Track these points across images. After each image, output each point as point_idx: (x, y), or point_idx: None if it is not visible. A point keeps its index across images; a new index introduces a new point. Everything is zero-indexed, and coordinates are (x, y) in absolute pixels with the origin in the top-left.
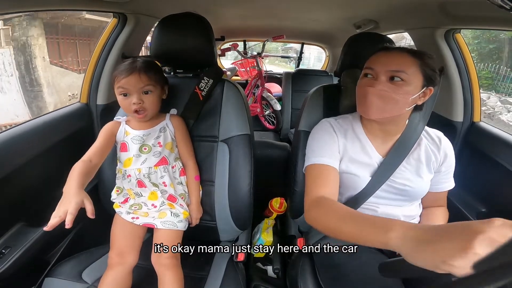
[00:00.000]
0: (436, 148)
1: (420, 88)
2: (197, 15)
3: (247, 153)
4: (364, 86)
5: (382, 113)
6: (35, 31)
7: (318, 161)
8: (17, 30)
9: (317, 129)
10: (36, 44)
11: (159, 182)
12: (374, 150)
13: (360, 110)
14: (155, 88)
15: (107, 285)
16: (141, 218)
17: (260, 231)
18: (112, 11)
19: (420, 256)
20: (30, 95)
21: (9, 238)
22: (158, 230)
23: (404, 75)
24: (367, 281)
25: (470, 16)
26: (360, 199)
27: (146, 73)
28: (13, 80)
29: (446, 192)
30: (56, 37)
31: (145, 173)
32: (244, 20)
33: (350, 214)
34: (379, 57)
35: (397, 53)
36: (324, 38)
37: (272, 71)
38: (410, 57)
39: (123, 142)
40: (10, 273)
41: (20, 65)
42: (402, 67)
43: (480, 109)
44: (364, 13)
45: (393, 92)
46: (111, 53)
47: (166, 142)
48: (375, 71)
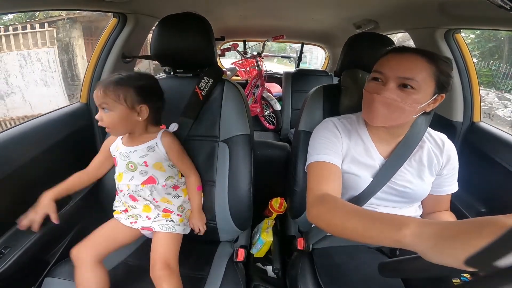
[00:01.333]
0: (439, 151)
1: (430, 96)
2: (197, 15)
3: (247, 153)
4: (371, 93)
5: (387, 122)
6: (76, 33)
7: (321, 159)
8: (61, 31)
9: (320, 127)
10: (76, 44)
11: (149, 199)
12: (376, 152)
13: (365, 116)
14: (113, 107)
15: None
16: (140, 222)
17: (260, 231)
18: (112, 11)
19: (442, 253)
20: (71, 88)
21: (9, 238)
22: (157, 234)
23: (414, 83)
24: (367, 281)
25: (470, 16)
26: (361, 200)
27: (106, 88)
28: (56, 75)
29: (449, 196)
30: (91, 38)
31: (133, 190)
32: (244, 20)
33: (357, 210)
34: (390, 60)
35: (410, 56)
36: (324, 38)
37: (272, 71)
38: (424, 62)
39: (114, 157)
40: (10, 273)
41: (63, 62)
42: (414, 73)
43: (480, 109)
44: (364, 13)
45: (402, 101)
46: (111, 53)
47: (154, 162)
48: (385, 76)
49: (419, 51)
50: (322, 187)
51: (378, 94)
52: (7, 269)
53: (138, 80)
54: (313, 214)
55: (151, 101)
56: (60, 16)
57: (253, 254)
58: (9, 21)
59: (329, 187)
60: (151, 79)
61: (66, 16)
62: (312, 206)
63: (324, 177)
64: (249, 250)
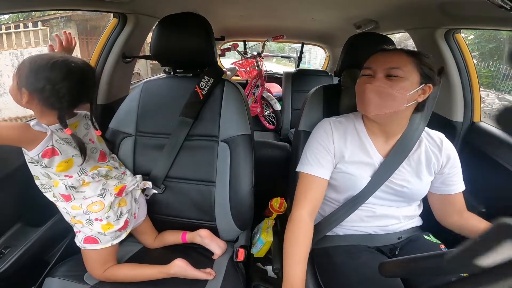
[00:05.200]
0: (438, 149)
1: (417, 85)
2: (197, 15)
3: (248, 153)
4: (362, 84)
5: (381, 109)
6: (70, 31)
7: (309, 171)
8: (54, 30)
9: (316, 130)
10: None
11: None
12: (375, 150)
13: (359, 107)
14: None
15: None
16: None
17: (260, 231)
18: (112, 11)
19: None
20: None
21: (9, 238)
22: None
23: (399, 72)
24: (366, 280)
25: (470, 16)
26: (360, 199)
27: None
28: None
29: (461, 195)
30: (86, 37)
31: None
32: (244, 20)
33: (296, 257)
34: (377, 57)
35: (394, 53)
36: (324, 38)
37: (272, 71)
38: (407, 56)
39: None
40: (10, 273)
41: None
42: (398, 64)
43: (480, 109)
44: (364, 13)
45: (390, 88)
46: (111, 53)
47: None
48: (373, 70)
49: (402, 49)
50: (304, 206)
51: (370, 84)
52: (8, 269)
53: (31, 63)
54: (286, 230)
55: (29, 85)
56: (54, 14)
57: (253, 254)
58: (2, 20)
59: (309, 206)
60: (40, 61)
61: (60, 15)
62: (290, 222)
63: (307, 195)
64: (249, 250)
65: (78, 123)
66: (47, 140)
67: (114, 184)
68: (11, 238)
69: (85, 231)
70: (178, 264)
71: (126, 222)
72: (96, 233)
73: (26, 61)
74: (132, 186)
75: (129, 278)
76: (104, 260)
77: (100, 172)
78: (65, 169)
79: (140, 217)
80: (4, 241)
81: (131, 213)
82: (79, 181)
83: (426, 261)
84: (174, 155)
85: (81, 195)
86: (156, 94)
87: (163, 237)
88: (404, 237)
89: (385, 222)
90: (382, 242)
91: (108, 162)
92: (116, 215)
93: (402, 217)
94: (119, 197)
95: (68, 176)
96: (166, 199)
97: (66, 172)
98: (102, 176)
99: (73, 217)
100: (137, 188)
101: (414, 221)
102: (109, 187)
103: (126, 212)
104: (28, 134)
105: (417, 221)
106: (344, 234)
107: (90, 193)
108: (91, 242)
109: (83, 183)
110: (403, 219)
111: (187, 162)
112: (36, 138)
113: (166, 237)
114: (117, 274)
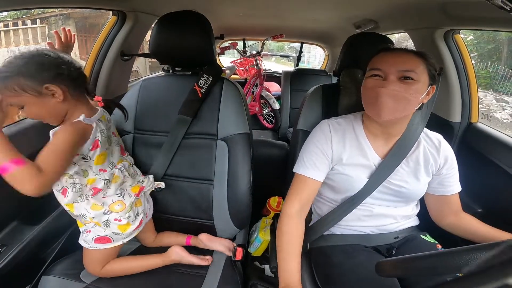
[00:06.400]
0: (436, 150)
1: (427, 87)
2: (196, 13)
3: (246, 152)
4: (375, 87)
5: (394, 113)
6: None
7: (304, 173)
8: (53, 28)
9: (315, 131)
10: None
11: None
12: (372, 152)
13: (370, 112)
14: (21, 102)
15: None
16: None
17: (258, 230)
18: (111, 8)
19: None
20: None
21: (5, 236)
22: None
23: (414, 74)
24: (364, 280)
25: (470, 17)
26: (357, 199)
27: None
28: None
29: (457, 196)
30: (85, 35)
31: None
32: (244, 19)
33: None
34: (385, 57)
35: (403, 53)
36: (323, 37)
37: (271, 70)
38: (416, 57)
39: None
40: (7, 271)
41: None
42: (412, 66)
43: (478, 110)
44: (363, 13)
45: (405, 91)
46: (110, 50)
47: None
48: (384, 72)
49: (409, 49)
50: (296, 203)
51: (384, 87)
52: (4, 267)
53: (24, 64)
54: (278, 225)
55: (53, 77)
56: (53, 12)
57: (250, 253)
58: (0, 18)
59: (303, 196)
60: (37, 56)
61: (59, 12)
62: (281, 217)
63: (300, 195)
64: (247, 248)
65: (104, 117)
66: (94, 132)
67: (130, 185)
68: (7, 236)
69: (97, 232)
70: (176, 251)
71: (141, 222)
72: (111, 233)
73: (14, 70)
74: (149, 187)
75: (127, 271)
76: (107, 258)
77: (124, 165)
78: (100, 162)
79: (149, 216)
80: (0, 240)
81: (144, 212)
82: (112, 174)
83: (423, 261)
84: (172, 153)
85: (108, 192)
86: (154, 92)
87: (163, 238)
88: (401, 236)
89: (382, 222)
90: (379, 241)
91: (126, 156)
92: (134, 215)
93: (399, 216)
94: (137, 198)
95: (103, 170)
96: (164, 197)
97: (101, 166)
98: (126, 169)
99: (92, 218)
100: (152, 188)
101: (411, 220)
102: (126, 187)
103: (141, 212)
104: (83, 131)
105: (414, 221)
106: (342, 233)
107: (111, 191)
108: (103, 242)
109: (113, 178)
110: (400, 218)
111: (185, 161)
112: (87, 132)
113: (167, 239)
114: (115, 268)
